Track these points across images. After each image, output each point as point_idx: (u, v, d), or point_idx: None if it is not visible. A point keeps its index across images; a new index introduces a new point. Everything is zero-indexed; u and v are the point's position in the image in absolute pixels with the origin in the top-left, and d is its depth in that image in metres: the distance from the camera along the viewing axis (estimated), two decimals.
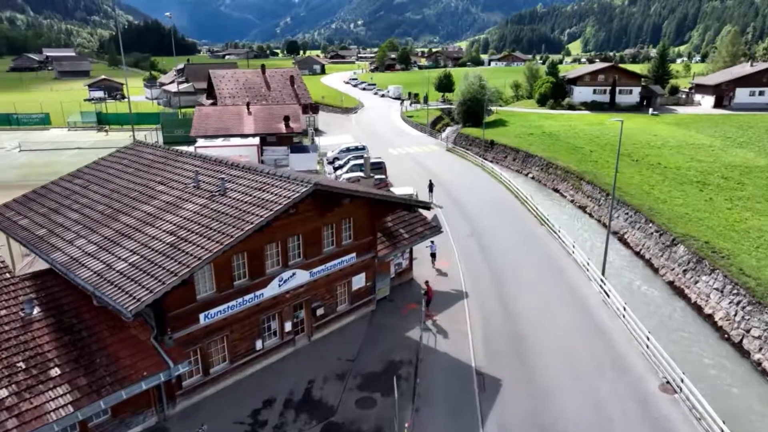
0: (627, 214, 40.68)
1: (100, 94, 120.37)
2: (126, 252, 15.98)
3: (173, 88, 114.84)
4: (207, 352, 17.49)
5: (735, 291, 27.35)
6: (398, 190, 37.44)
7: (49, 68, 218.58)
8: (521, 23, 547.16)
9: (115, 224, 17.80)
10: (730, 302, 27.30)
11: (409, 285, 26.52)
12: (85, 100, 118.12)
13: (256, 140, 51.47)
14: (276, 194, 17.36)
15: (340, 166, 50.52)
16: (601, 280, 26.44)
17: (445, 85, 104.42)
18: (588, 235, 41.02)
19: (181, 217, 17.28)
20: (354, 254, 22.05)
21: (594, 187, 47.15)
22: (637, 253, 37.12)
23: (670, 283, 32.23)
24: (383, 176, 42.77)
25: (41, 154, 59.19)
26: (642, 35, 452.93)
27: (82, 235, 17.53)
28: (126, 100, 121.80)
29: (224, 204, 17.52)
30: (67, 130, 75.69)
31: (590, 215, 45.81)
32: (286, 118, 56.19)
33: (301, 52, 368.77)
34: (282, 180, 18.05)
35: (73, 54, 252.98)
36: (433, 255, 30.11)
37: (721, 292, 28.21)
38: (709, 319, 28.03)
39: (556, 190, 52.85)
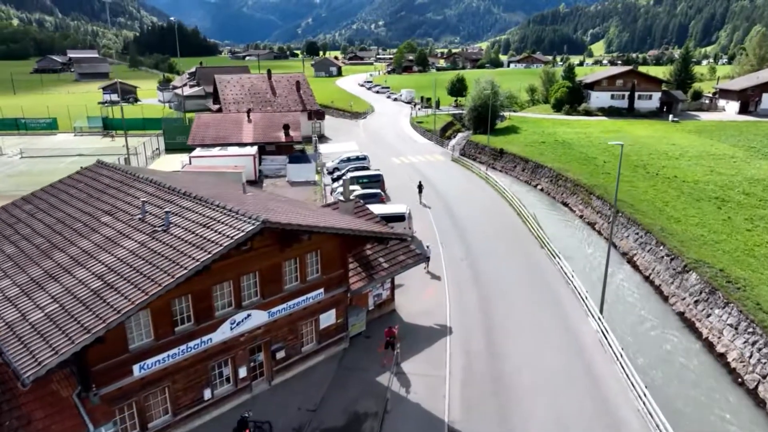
0: (637, 234, 38.09)
1: (113, 97, 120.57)
2: (47, 299, 14.39)
3: (184, 91, 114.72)
4: (144, 406, 15.82)
5: (750, 329, 24.80)
6: (391, 207, 35.54)
7: (71, 70, 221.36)
8: (543, 24, 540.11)
9: (47, 262, 16.24)
10: (744, 342, 24.76)
11: (391, 317, 24.61)
12: (98, 103, 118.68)
13: (253, 150, 50.04)
14: (220, 233, 15.60)
15: (339, 177, 48.77)
16: (599, 318, 24.13)
17: (458, 89, 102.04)
18: (595, 256, 38.53)
19: (115, 256, 15.63)
20: (322, 290, 20.21)
21: (604, 203, 44.53)
22: (647, 278, 34.55)
23: (680, 315, 29.69)
24: (379, 191, 40.85)
25: (41, 161, 58.68)
26: (667, 36, 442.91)
27: (10, 274, 16.01)
28: (139, 103, 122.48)
29: (164, 242, 15.82)
30: (73, 136, 75.38)
31: (599, 233, 43.23)
32: (286, 127, 54.69)
33: (321, 53, 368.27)
34: (230, 216, 16.28)
35: (94, 56, 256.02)
36: (427, 258, 30.39)
37: (736, 329, 25.66)
38: (721, 358, 25.50)
39: (565, 204, 50.30)
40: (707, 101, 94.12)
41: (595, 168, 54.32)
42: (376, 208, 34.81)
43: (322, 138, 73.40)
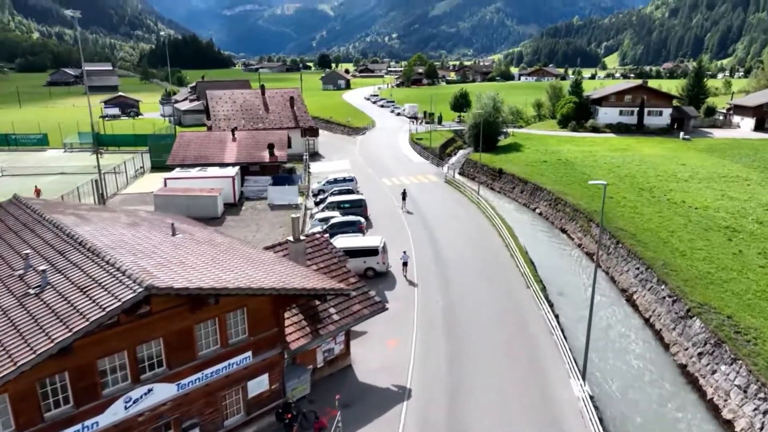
0: (638, 269, 34.71)
1: (115, 111, 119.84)
2: None
3: (184, 105, 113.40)
4: None
5: (762, 395, 21.39)
6: (364, 239, 32.65)
7: (82, 83, 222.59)
8: (556, 36, 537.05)
9: None
10: (755, 409, 21.34)
11: (345, 374, 21.62)
12: (100, 117, 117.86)
13: (232, 171, 47.56)
14: (95, 301, 12.83)
15: (322, 200, 46.06)
16: (581, 384, 20.87)
17: (461, 104, 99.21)
18: (590, 292, 35.16)
19: None
20: (249, 353, 17.32)
21: (604, 231, 41.19)
22: (647, 320, 31.18)
23: (683, 368, 26.28)
24: (359, 218, 38.01)
25: (21, 180, 56.76)
26: (683, 48, 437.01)
27: None
28: (140, 117, 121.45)
29: (29, 311, 13.09)
30: (63, 152, 73.80)
31: (598, 264, 39.84)
32: (270, 146, 52.21)
33: (333, 65, 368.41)
34: (114, 278, 13.52)
35: (106, 68, 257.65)
36: (405, 264, 31.50)
37: (744, 392, 22.25)
38: (727, 426, 22.09)
39: (564, 231, 47.02)
40: (721, 117, 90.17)
41: (597, 191, 50.92)
42: (348, 241, 32.01)
43: (316, 156, 70.94)
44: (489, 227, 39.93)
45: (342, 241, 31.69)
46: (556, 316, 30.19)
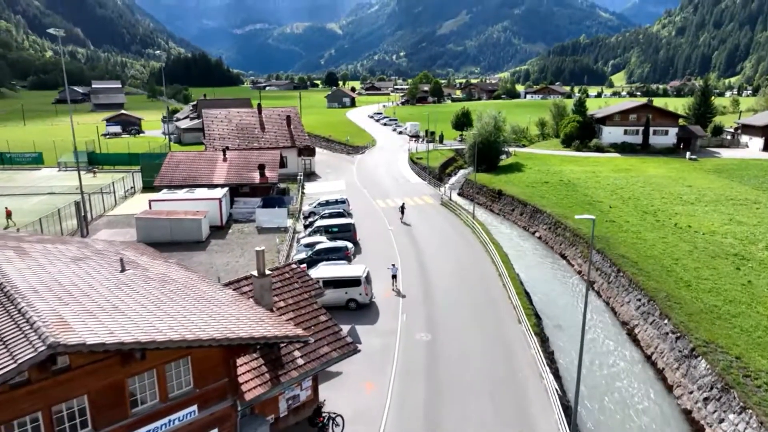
0: (639, 301, 32.61)
1: (117, 129, 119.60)
2: None
3: (184, 124, 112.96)
4: None
5: None
6: (348, 268, 30.84)
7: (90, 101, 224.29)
8: (563, 54, 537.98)
9: None
10: None
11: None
12: (102, 134, 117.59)
13: (220, 193, 46.10)
14: None
15: (311, 224, 44.42)
16: None
17: (463, 122, 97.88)
18: (589, 325, 33.09)
19: None
20: (195, 407, 15.51)
21: (604, 258, 39.16)
22: (648, 357, 29.03)
23: (687, 413, 24.11)
24: (345, 244, 36.24)
25: (8, 200, 55.64)
26: (690, 66, 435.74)
27: None
28: (142, 135, 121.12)
29: None
30: (57, 171, 72.91)
31: (598, 294, 37.82)
32: (261, 167, 50.82)
33: (341, 82, 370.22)
34: (20, 331, 11.83)
35: (114, 86, 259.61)
36: (394, 276, 32.10)
37: None
38: None
39: (564, 257, 44.98)
40: (729, 137, 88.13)
41: (598, 214, 48.96)
42: (329, 270, 30.27)
43: (312, 176, 69.55)
44: (482, 254, 38.01)
45: (322, 271, 29.95)
46: (551, 354, 28.22)
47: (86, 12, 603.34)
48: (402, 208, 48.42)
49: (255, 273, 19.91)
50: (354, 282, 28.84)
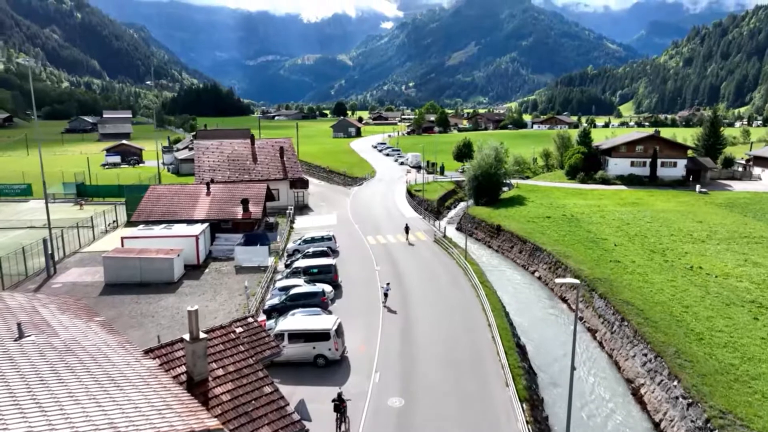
0: (645, 356, 29.19)
1: (116, 159, 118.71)
2: None
3: (183, 154, 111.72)
4: None
5: None
6: (316, 320, 27.69)
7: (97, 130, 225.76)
8: (571, 85, 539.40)
9: None
10: None
11: None
12: (101, 165, 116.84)
13: (197, 229, 43.55)
14: None
15: (292, 263, 41.55)
16: None
17: (464, 153, 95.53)
18: (588, 381, 29.65)
19: None
20: None
21: (608, 305, 35.84)
22: (657, 425, 25.49)
23: None
24: (322, 288, 33.23)
25: None
26: (698, 96, 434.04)
27: None
28: (141, 165, 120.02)
29: None
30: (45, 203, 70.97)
31: (600, 344, 34.39)
32: (245, 201, 48.37)
33: (350, 112, 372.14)
34: None
35: (123, 116, 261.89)
36: (386, 295, 34.19)
37: None
38: None
39: (564, 300, 41.67)
40: (740, 169, 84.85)
41: (602, 254, 45.84)
42: (294, 322, 27.30)
43: (305, 209, 67.08)
44: (473, 299, 34.81)
45: (288, 323, 26.98)
46: (545, 419, 24.86)
47: (103, 44, 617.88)
48: (407, 229, 51.18)
49: (186, 337, 17.00)
50: (322, 336, 25.81)
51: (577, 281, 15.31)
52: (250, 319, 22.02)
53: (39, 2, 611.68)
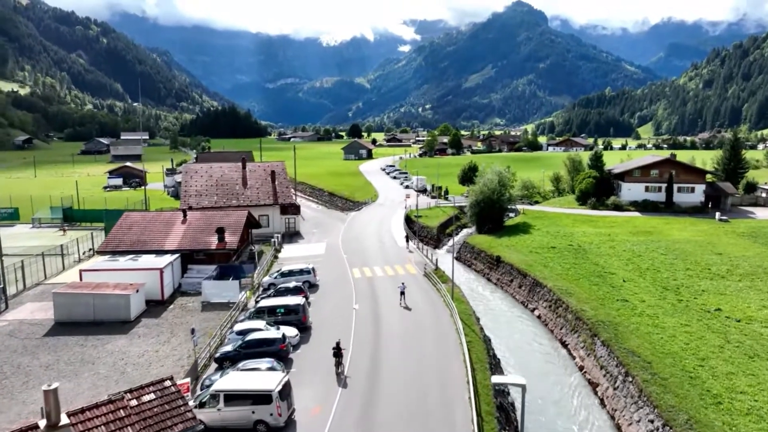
0: (652, 423, 24.67)
1: (118, 181, 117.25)
2: None
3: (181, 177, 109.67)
4: None
5: None
6: (257, 378, 23.56)
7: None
8: (588, 106, 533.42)
9: None
10: None
11: None
12: (103, 187, 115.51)
13: (164, 261, 40.19)
14: None
15: (262, 299, 37.72)
16: None
17: (469, 177, 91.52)
18: None
19: None
20: None
21: (611, 355, 31.34)
22: None
23: None
24: (281, 335, 29.15)
25: None
26: (719, 118, 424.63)
27: None
28: (143, 188, 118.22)
29: None
30: (30, 228, 68.82)
31: (602, 402, 29.84)
32: (220, 230, 45.03)
33: (364, 134, 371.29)
34: None
35: (137, 137, 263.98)
36: (402, 293, 37.66)
37: None
38: None
39: (564, 344, 37.18)
40: (764, 195, 79.36)
41: (609, 291, 41.35)
42: (234, 380, 23.43)
43: (295, 236, 63.61)
44: (455, 347, 30.53)
45: (225, 381, 23.11)
46: None
47: (126, 68, 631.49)
48: (407, 238, 55.41)
49: (41, 423, 13.37)
50: (263, 398, 21.86)
51: (522, 381, 11.33)
52: (168, 383, 18.57)
53: (68, 28, 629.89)
